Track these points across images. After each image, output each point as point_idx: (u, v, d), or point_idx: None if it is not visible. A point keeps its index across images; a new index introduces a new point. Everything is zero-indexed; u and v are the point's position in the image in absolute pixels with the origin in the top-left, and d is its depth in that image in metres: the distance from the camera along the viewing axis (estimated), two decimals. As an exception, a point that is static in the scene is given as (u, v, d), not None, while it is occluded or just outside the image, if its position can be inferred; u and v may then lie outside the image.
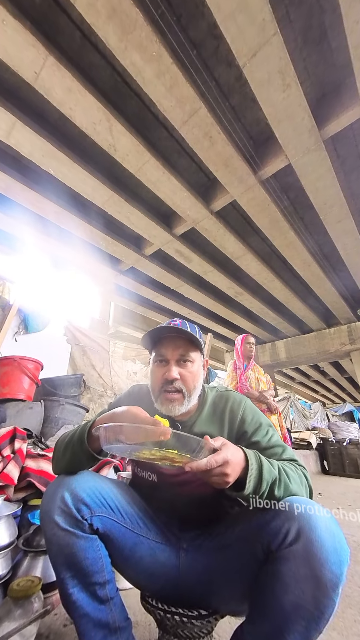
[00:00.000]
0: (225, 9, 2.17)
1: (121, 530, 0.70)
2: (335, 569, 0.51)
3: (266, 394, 2.37)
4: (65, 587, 0.64)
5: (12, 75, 2.70)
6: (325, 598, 0.51)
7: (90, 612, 0.64)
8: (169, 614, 0.68)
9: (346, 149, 3.52)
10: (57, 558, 0.65)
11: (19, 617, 0.86)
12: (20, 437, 1.59)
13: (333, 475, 4.67)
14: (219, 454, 0.56)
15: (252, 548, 0.62)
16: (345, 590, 1.30)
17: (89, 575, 0.65)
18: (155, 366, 0.81)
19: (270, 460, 0.66)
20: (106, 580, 0.67)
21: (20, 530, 1.26)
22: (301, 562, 0.53)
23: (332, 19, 2.44)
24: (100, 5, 2.15)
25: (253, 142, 3.45)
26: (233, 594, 0.68)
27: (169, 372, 0.77)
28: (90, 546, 0.65)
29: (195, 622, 0.67)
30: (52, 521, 0.63)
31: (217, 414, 0.82)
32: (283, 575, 0.55)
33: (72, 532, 0.63)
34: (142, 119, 3.18)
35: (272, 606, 0.56)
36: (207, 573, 0.69)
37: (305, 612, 0.52)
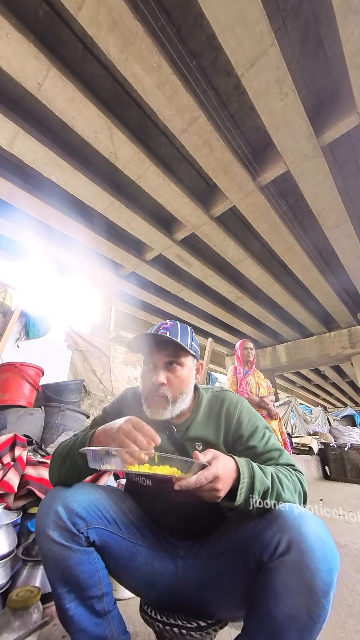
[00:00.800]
0: (224, 21, 2.22)
1: (118, 541, 0.70)
2: (326, 577, 0.51)
3: (266, 399, 2.37)
4: (62, 603, 0.63)
5: (15, 86, 2.76)
6: (318, 607, 0.51)
7: (87, 627, 0.64)
8: (168, 625, 0.68)
9: (344, 155, 3.56)
10: (53, 573, 0.64)
11: (18, 628, 0.86)
12: (21, 444, 1.58)
13: (335, 481, 4.61)
14: (209, 470, 0.56)
15: (245, 558, 0.62)
16: (346, 600, 1.27)
17: (86, 589, 0.64)
18: (144, 370, 0.82)
19: (264, 468, 0.64)
20: (103, 593, 0.66)
21: (19, 538, 1.24)
22: (293, 572, 0.53)
23: (327, 30, 2.50)
24: (102, 18, 2.21)
25: (252, 148, 3.50)
26: (228, 602, 0.68)
27: (156, 377, 0.76)
28: (86, 559, 0.64)
29: (195, 634, 0.66)
30: (47, 536, 0.62)
31: (213, 417, 0.81)
32: (275, 587, 0.54)
33: (67, 547, 0.62)
34: (142, 127, 3.24)
35: (266, 617, 0.56)
36: (204, 581, 0.69)
37: (298, 622, 0.52)
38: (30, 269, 5.25)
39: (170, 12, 2.41)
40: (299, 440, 5.14)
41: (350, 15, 2.22)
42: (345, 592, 1.33)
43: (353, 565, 1.61)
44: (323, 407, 8.78)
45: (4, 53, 2.36)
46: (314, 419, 6.75)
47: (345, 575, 1.49)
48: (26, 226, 4.43)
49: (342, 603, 1.24)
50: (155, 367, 0.78)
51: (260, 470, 0.63)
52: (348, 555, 1.73)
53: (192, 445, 0.78)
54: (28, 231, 4.51)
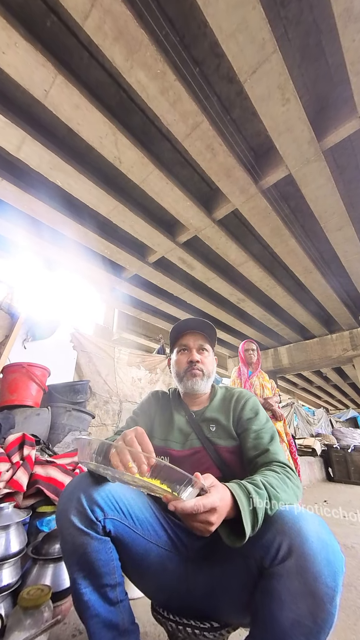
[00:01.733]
0: (227, 29, 2.27)
1: (132, 536, 0.71)
2: (330, 581, 0.50)
3: (271, 400, 2.35)
4: (78, 587, 0.65)
5: (23, 93, 2.82)
6: (323, 612, 0.49)
7: (101, 612, 0.66)
8: (180, 625, 0.68)
9: (345, 159, 3.61)
10: (71, 557, 0.66)
11: (29, 627, 0.86)
12: (29, 443, 1.59)
13: (338, 483, 4.60)
14: (208, 498, 0.52)
15: (247, 563, 0.61)
16: (356, 602, 1.26)
17: (101, 576, 0.66)
18: (179, 355, 0.96)
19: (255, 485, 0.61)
20: (117, 583, 0.68)
21: (29, 537, 1.24)
22: (295, 578, 0.51)
23: (328, 37, 2.55)
24: (108, 27, 2.27)
25: (254, 153, 3.54)
26: (234, 608, 0.68)
27: (192, 356, 0.92)
28: (102, 548, 0.66)
29: (208, 634, 0.66)
30: (69, 520, 0.64)
31: (225, 404, 0.93)
32: (278, 592, 0.53)
33: (86, 532, 0.64)
34: (146, 132, 3.29)
35: (271, 623, 0.54)
36: (211, 586, 0.69)
37: (304, 628, 0.51)
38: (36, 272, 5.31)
39: (174, 20, 2.47)
40: (302, 442, 5.13)
41: (351, 24, 2.27)
42: (354, 594, 1.33)
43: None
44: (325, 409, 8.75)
45: (12, 62, 2.42)
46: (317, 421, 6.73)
47: (354, 578, 1.48)
48: (30, 229, 4.49)
49: (351, 605, 1.24)
50: (189, 350, 0.95)
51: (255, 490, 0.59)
52: (355, 557, 1.72)
53: (207, 426, 0.88)
54: (31, 234, 4.57)
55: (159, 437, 0.90)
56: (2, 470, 1.34)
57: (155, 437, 0.91)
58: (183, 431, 0.89)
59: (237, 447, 0.84)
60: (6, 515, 1.10)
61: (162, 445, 0.88)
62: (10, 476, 1.33)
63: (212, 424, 0.88)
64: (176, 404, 0.97)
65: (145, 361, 3.48)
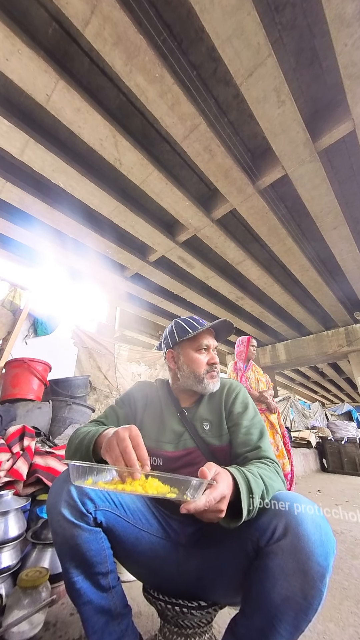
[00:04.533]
0: (223, 35, 2.34)
1: (123, 525, 0.72)
2: (321, 561, 0.53)
3: (266, 394, 2.43)
4: (70, 576, 0.66)
5: (26, 99, 2.91)
6: (313, 590, 0.53)
7: (93, 599, 0.67)
8: (169, 604, 0.71)
9: (339, 160, 3.67)
10: (62, 548, 0.66)
11: (28, 606, 0.92)
12: (29, 435, 1.65)
13: (332, 473, 4.71)
14: (217, 489, 0.54)
15: (243, 544, 0.64)
16: (342, 583, 1.34)
17: (93, 565, 0.67)
18: (197, 354, 0.92)
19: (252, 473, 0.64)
20: (109, 571, 0.69)
21: (29, 524, 1.31)
22: (289, 556, 0.55)
23: (322, 42, 2.61)
24: (107, 33, 2.34)
25: (251, 154, 3.61)
26: (227, 589, 0.71)
27: (213, 358, 0.92)
28: (94, 539, 0.67)
29: (195, 612, 0.69)
30: (59, 513, 0.65)
31: (216, 398, 0.92)
32: (272, 570, 0.56)
33: (77, 525, 0.65)
34: (146, 134, 3.36)
35: (263, 600, 0.57)
36: (204, 568, 0.72)
37: (294, 604, 0.54)
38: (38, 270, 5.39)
39: (172, 26, 2.54)
40: (298, 435, 5.23)
41: (344, 29, 2.33)
42: (341, 576, 1.41)
43: (349, 551, 1.69)
44: (321, 403, 8.85)
45: (15, 68, 2.51)
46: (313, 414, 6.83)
47: (342, 561, 1.57)
48: (35, 231, 4.59)
49: (338, 587, 1.31)
50: (208, 350, 0.94)
51: (252, 475, 0.63)
52: (344, 542, 1.82)
53: (201, 425, 0.87)
54: (36, 235, 4.66)
55: (151, 437, 0.86)
56: (3, 459, 1.39)
57: (146, 437, 0.83)
58: (175, 431, 0.87)
59: (229, 444, 0.84)
60: (6, 502, 1.15)
61: (154, 446, 0.85)
62: (10, 465, 1.37)
63: (206, 423, 0.87)
64: (167, 400, 0.94)
65: (145, 357, 3.57)
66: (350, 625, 1.04)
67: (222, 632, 0.95)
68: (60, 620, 1.01)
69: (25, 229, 4.51)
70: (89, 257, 5.23)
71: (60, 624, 0.99)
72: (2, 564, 1.04)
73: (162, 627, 0.76)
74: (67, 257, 5.29)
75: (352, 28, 2.28)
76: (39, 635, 0.93)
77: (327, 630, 1.01)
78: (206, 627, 0.74)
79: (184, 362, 0.92)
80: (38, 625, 0.93)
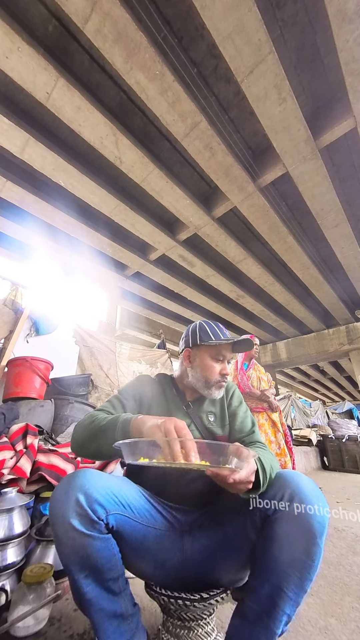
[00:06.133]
0: (224, 31, 2.33)
1: (132, 525, 0.72)
2: (320, 519, 0.62)
3: (267, 392, 2.43)
4: (79, 586, 0.63)
5: (26, 97, 2.90)
6: (314, 546, 0.61)
7: (105, 606, 0.66)
8: (172, 598, 0.72)
9: (341, 157, 3.65)
10: (70, 558, 0.63)
11: (33, 601, 0.92)
12: (32, 433, 1.66)
13: (333, 471, 4.74)
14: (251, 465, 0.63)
15: (251, 518, 0.70)
16: (343, 579, 1.36)
17: (104, 572, 0.65)
18: (212, 361, 0.96)
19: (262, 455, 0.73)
20: (119, 575, 0.68)
21: (32, 520, 1.31)
22: (293, 520, 0.63)
23: (323, 38, 2.60)
24: (107, 30, 2.33)
25: (252, 152, 3.60)
26: (234, 566, 0.74)
27: (226, 370, 0.97)
28: (105, 546, 0.65)
29: (198, 604, 0.71)
30: (67, 524, 0.61)
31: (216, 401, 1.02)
32: (279, 535, 0.64)
33: (87, 535, 0.62)
34: (146, 132, 3.36)
35: (271, 566, 0.64)
36: (210, 550, 0.74)
37: (299, 563, 0.61)
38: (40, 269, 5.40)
39: (172, 23, 2.53)
40: (299, 433, 5.25)
41: (345, 25, 2.32)
42: (342, 572, 1.42)
43: (350, 548, 1.70)
44: (322, 401, 8.89)
45: (15, 66, 2.50)
46: (313, 412, 6.85)
47: (343, 557, 1.58)
48: (36, 230, 4.59)
49: (339, 583, 1.32)
50: (223, 360, 0.97)
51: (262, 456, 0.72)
52: (345, 539, 1.82)
53: (206, 417, 0.97)
54: (37, 235, 4.66)
55: None
56: (7, 457, 1.40)
57: None
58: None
59: (229, 433, 0.96)
60: (10, 499, 1.16)
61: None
62: (14, 463, 1.38)
63: (211, 415, 0.97)
64: (172, 393, 0.99)
65: (146, 355, 3.58)
66: (352, 620, 1.05)
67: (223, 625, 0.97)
68: (65, 615, 1.02)
69: (24, 227, 4.51)
70: (89, 256, 5.23)
71: (65, 619, 1.00)
72: (7, 560, 1.05)
73: (165, 621, 0.77)
74: (67, 256, 5.30)
75: (354, 24, 2.26)
76: (44, 630, 0.93)
77: (329, 626, 1.02)
78: (208, 618, 0.76)
79: (198, 365, 0.97)
80: (43, 621, 0.94)
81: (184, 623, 0.73)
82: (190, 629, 0.73)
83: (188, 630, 0.73)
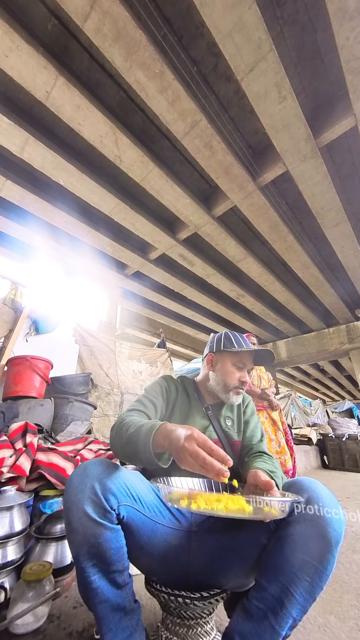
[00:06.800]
0: (223, 29, 2.32)
1: (141, 519, 0.73)
2: (337, 527, 0.61)
3: (268, 391, 2.44)
4: (86, 575, 0.65)
5: (25, 95, 2.89)
6: (329, 553, 0.60)
7: (109, 597, 0.67)
8: (172, 596, 0.72)
9: (341, 156, 3.64)
10: (80, 547, 0.65)
11: (32, 599, 0.93)
12: (32, 431, 1.66)
13: (333, 470, 4.76)
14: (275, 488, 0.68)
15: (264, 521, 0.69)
16: (342, 577, 1.37)
17: (111, 564, 0.66)
18: (233, 367, 1.02)
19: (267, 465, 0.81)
20: (125, 567, 0.70)
21: (32, 519, 1.33)
22: (310, 523, 0.63)
23: (324, 36, 2.59)
24: (107, 29, 2.32)
25: (252, 150, 3.59)
26: (240, 571, 0.73)
27: (245, 377, 1.02)
28: (115, 537, 0.66)
29: (198, 603, 0.71)
30: (81, 510, 0.63)
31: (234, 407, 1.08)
32: (293, 537, 0.64)
33: (100, 523, 0.64)
34: (146, 131, 3.35)
35: (281, 566, 0.63)
36: (217, 553, 0.74)
37: (311, 568, 0.60)
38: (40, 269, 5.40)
39: (172, 21, 2.52)
40: (299, 432, 5.26)
41: (346, 22, 2.31)
42: (342, 570, 1.44)
43: (350, 546, 1.72)
44: (322, 400, 8.90)
45: (14, 65, 2.49)
46: (314, 412, 6.86)
47: (342, 555, 1.60)
48: (36, 229, 4.59)
49: (338, 580, 1.34)
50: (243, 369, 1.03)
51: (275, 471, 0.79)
52: (345, 537, 1.81)
53: (224, 421, 1.02)
54: (38, 234, 4.66)
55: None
56: (6, 456, 1.41)
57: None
58: (201, 424, 0.98)
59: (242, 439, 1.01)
60: (9, 497, 1.17)
61: None
62: (13, 461, 1.39)
63: (228, 419, 1.02)
64: (194, 396, 1.04)
65: (146, 355, 3.58)
66: (351, 618, 1.06)
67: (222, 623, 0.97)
68: (64, 613, 1.02)
69: (24, 226, 4.51)
70: (89, 255, 5.23)
71: (64, 616, 1.01)
72: (6, 558, 1.05)
73: (164, 619, 0.77)
74: (67, 256, 5.30)
75: (355, 21, 2.25)
76: (43, 627, 0.94)
77: (328, 623, 1.03)
78: (208, 617, 0.75)
79: (219, 369, 1.03)
80: (42, 618, 0.94)
81: (183, 621, 0.73)
82: (189, 627, 0.73)
83: (187, 628, 0.73)
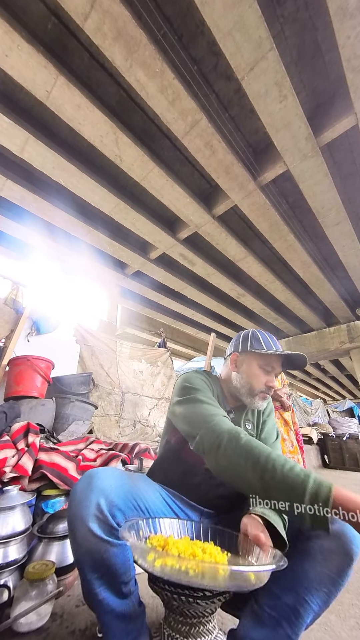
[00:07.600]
0: (224, 28, 2.31)
1: None
2: (358, 543, 0.62)
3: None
4: (91, 587, 0.64)
5: (26, 95, 2.89)
6: (349, 568, 0.61)
7: (115, 607, 0.67)
8: (175, 594, 0.72)
9: (342, 155, 3.63)
10: (85, 560, 0.64)
11: (35, 597, 0.93)
12: (34, 431, 1.68)
13: (333, 469, 4.77)
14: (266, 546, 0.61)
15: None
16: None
17: (117, 577, 0.66)
18: (260, 370, 0.95)
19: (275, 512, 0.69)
20: (131, 578, 0.69)
21: (34, 518, 1.33)
22: (333, 539, 0.63)
23: (324, 34, 2.58)
24: (107, 28, 2.32)
25: (252, 150, 3.58)
26: None
27: (273, 382, 0.96)
28: (121, 552, 0.65)
29: (201, 602, 0.70)
30: (86, 527, 0.62)
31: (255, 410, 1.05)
32: (314, 551, 0.64)
33: (106, 541, 0.63)
34: (146, 130, 3.34)
35: (299, 577, 0.63)
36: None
37: (329, 581, 0.61)
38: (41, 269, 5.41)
39: (172, 20, 2.51)
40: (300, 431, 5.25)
41: (346, 20, 2.30)
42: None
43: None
44: (322, 399, 8.90)
45: (15, 64, 2.49)
46: (314, 411, 6.86)
47: None
48: (36, 229, 4.59)
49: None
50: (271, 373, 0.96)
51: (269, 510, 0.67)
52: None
53: (245, 424, 0.99)
54: (37, 234, 4.67)
55: None
56: (8, 455, 1.42)
57: None
58: None
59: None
60: (12, 497, 1.18)
61: None
62: (15, 461, 1.40)
63: (249, 423, 0.99)
64: (221, 396, 0.99)
65: (146, 354, 3.58)
66: (351, 617, 1.07)
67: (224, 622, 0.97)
68: (67, 611, 1.03)
69: (24, 226, 4.51)
70: (89, 254, 5.24)
71: (67, 615, 1.01)
72: (9, 557, 1.06)
73: (167, 617, 0.77)
74: (67, 255, 5.30)
75: (355, 20, 2.25)
76: (46, 626, 0.94)
77: (329, 622, 1.04)
78: (210, 616, 0.75)
79: (244, 371, 0.96)
80: (45, 617, 0.95)
81: (186, 619, 0.73)
82: (192, 625, 0.73)
83: (190, 626, 0.73)
